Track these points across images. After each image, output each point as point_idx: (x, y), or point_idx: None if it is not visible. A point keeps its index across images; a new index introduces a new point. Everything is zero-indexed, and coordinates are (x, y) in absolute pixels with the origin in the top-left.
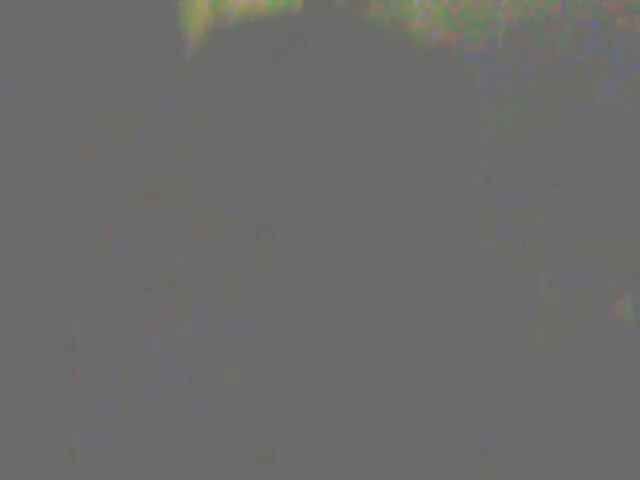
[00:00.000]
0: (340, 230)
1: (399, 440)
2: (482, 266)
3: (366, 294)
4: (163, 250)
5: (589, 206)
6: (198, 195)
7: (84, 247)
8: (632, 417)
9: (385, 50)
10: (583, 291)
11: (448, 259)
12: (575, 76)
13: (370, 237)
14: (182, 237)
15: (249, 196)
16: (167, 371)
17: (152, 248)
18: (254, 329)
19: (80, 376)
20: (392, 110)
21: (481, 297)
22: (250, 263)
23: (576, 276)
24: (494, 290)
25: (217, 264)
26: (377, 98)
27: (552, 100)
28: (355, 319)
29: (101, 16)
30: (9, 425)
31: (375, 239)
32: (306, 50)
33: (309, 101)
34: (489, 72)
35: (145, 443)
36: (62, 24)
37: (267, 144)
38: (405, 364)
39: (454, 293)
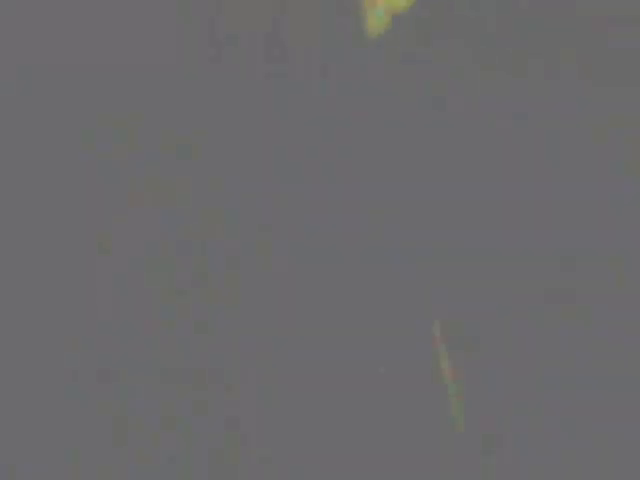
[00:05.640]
0: (340, 230)
1: (399, 440)
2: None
3: (366, 294)
4: (163, 250)
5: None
6: (198, 195)
7: (84, 247)
8: (632, 417)
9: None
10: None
11: (447, 258)
12: None
13: (369, 237)
14: (182, 237)
15: (249, 196)
16: (166, 371)
17: (152, 248)
18: (254, 329)
19: (79, 376)
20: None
21: (479, 295)
22: (250, 263)
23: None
24: (493, 289)
25: (217, 264)
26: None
27: None
28: (355, 319)
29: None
30: (9, 425)
31: (375, 239)
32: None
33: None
34: None
35: (144, 443)
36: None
37: (268, 145)
38: (404, 362)
39: (454, 291)
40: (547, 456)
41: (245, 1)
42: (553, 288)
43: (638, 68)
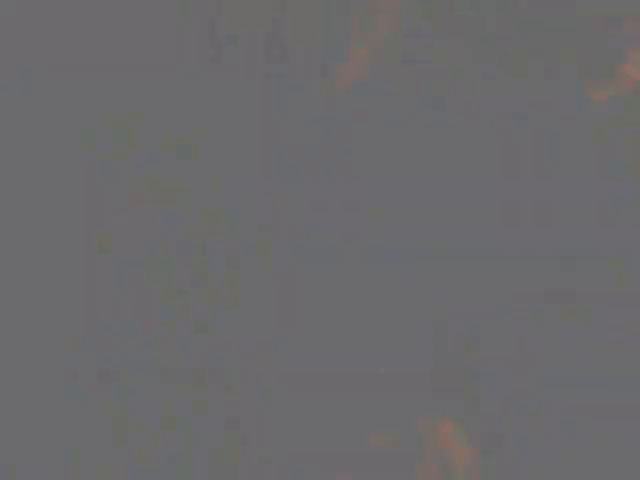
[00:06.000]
0: (340, 230)
1: (399, 440)
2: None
3: (366, 294)
4: (163, 250)
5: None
6: (198, 195)
7: (84, 247)
8: (632, 417)
9: None
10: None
11: (447, 258)
12: None
13: (369, 237)
14: (182, 237)
15: (249, 196)
16: (166, 371)
17: (152, 248)
18: (254, 329)
19: (79, 376)
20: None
21: (480, 292)
22: (250, 263)
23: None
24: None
25: (217, 264)
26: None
27: None
28: (355, 319)
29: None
30: (9, 425)
31: (375, 239)
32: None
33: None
34: None
35: (144, 443)
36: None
37: (268, 145)
38: (404, 362)
39: (454, 291)
40: (547, 456)
41: (245, 1)
42: (553, 288)
43: None
